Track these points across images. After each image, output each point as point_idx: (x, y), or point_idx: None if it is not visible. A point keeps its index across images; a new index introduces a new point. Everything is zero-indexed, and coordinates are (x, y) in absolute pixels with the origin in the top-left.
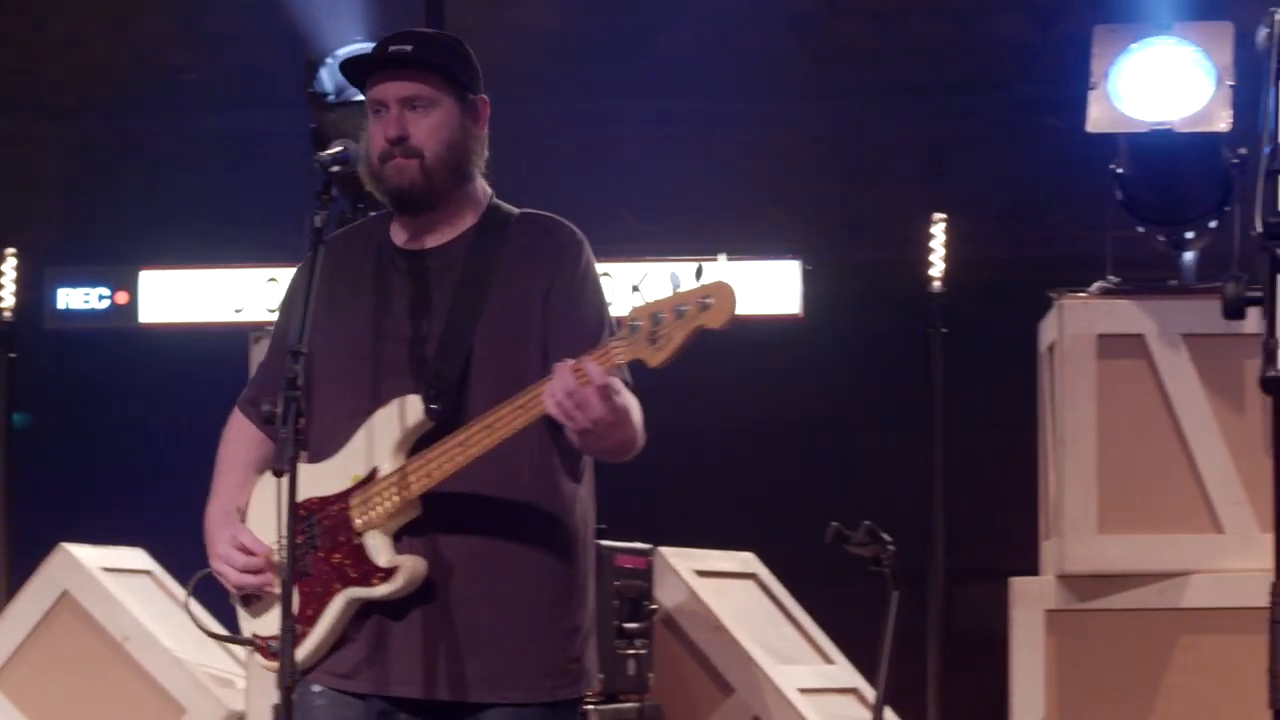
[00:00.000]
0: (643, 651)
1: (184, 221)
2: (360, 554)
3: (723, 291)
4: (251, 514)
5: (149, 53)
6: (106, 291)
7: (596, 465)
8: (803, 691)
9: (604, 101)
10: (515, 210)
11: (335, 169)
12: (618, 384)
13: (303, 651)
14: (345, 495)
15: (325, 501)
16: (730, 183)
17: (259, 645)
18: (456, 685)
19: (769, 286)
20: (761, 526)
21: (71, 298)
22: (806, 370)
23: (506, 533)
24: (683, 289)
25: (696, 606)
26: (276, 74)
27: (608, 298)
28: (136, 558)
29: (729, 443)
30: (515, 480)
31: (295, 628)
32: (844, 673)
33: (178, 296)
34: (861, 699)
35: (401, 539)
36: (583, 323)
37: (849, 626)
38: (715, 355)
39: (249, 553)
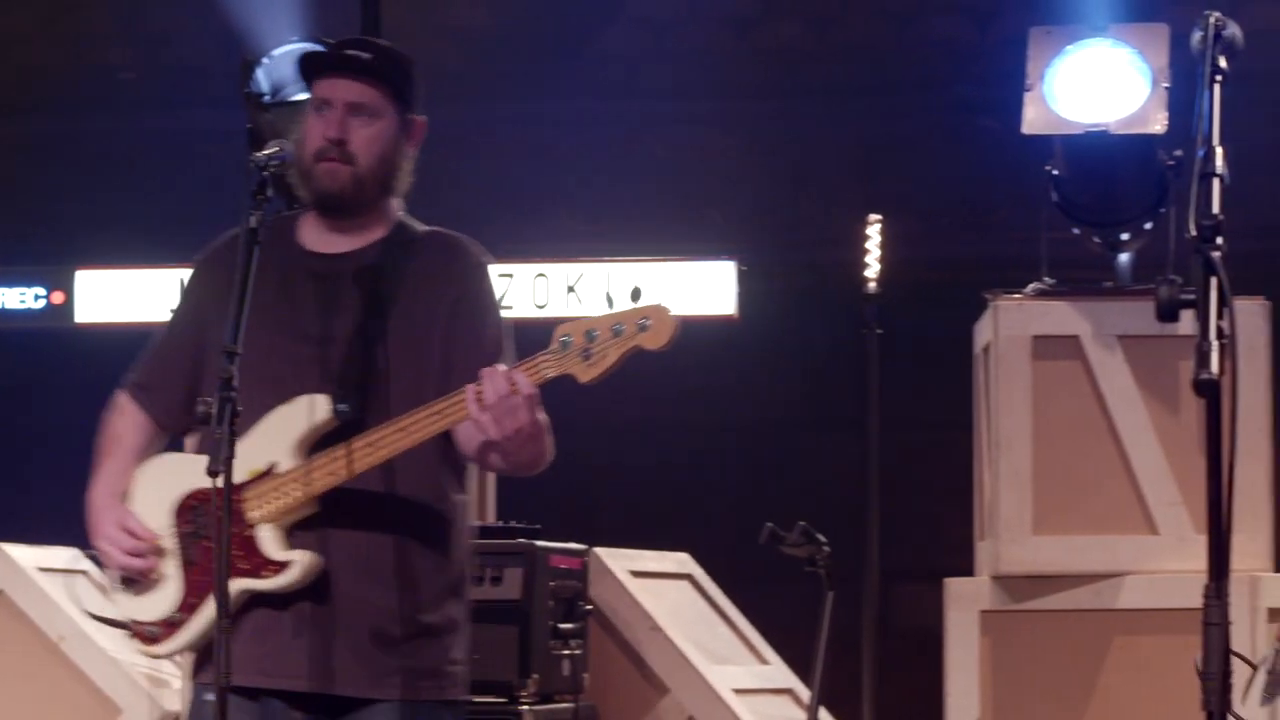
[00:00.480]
0: (577, 652)
1: (120, 221)
2: (252, 546)
3: (661, 314)
4: (134, 499)
5: (86, 51)
6: (42, 291)
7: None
8: (738, 692)
9: (539, 102)
10: (423, 227)
11: (271, 169)
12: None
13: (181, 640)
14: (239, 488)
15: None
16: (666, 183)
17: (136, 629)
18: (337, 680)
19: (704, 287)
20: (696, 527)
21: (7, 297)
22: (742, 371)
23: (393, 534)
24: (619, 309)
25: (631, 607)
26: (213, 73)
27: (541, 299)
28: (71, 557)
29: (664, 443)
30: (404, 484)
31: (229, 625)
32: (779, 673)
33: (114, 296)
34: (796, 699)
35: (293, 534)
36: (485, 338)
37: (784, 627)
38: (650, 355)
39: (135, 536)
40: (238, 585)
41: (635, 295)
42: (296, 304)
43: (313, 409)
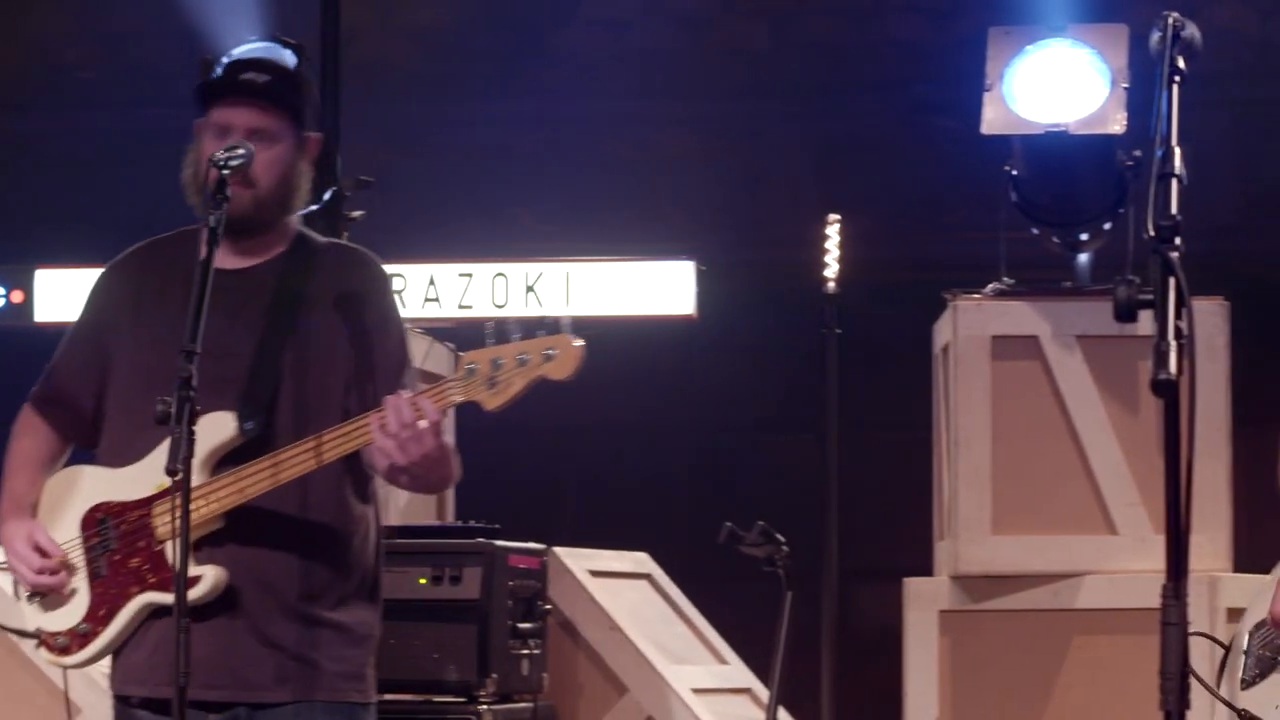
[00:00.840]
0: (536, 652)
1: (81, 220)
2: (160, 560)
3: (567, 345)
4: (41, 512)
5: (44, 50)
6: (2, 290)
7: (492, 464)
8: (696, 691)
9: (498, 102)
10: (322, 240)
11: (231, 168)
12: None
13: (90, 651)
14: (147, 502)
15: (125, 507)
16: (625, 183)
17: (44, 640)
18: (245, 686)
19: (663, 287)
20: (655, 526)
21: None
22: (701, 371)
23: (297, 548)
24: (525, 338)
25: (590, 607)
26: (172, 73)
27: (500, 299)
28: None
29: (623, 443)
30: (309, 499)
31: (188, 626)
32: (738, 673)
33: (74, 295)
34: (755, 699)
35: (201, 549)
36: (388, 355)
37: (743, 627)
38: (610, 355)
39: (44, 553)
40: (145, 599)
41: (552, 327)
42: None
43: (220, 426)
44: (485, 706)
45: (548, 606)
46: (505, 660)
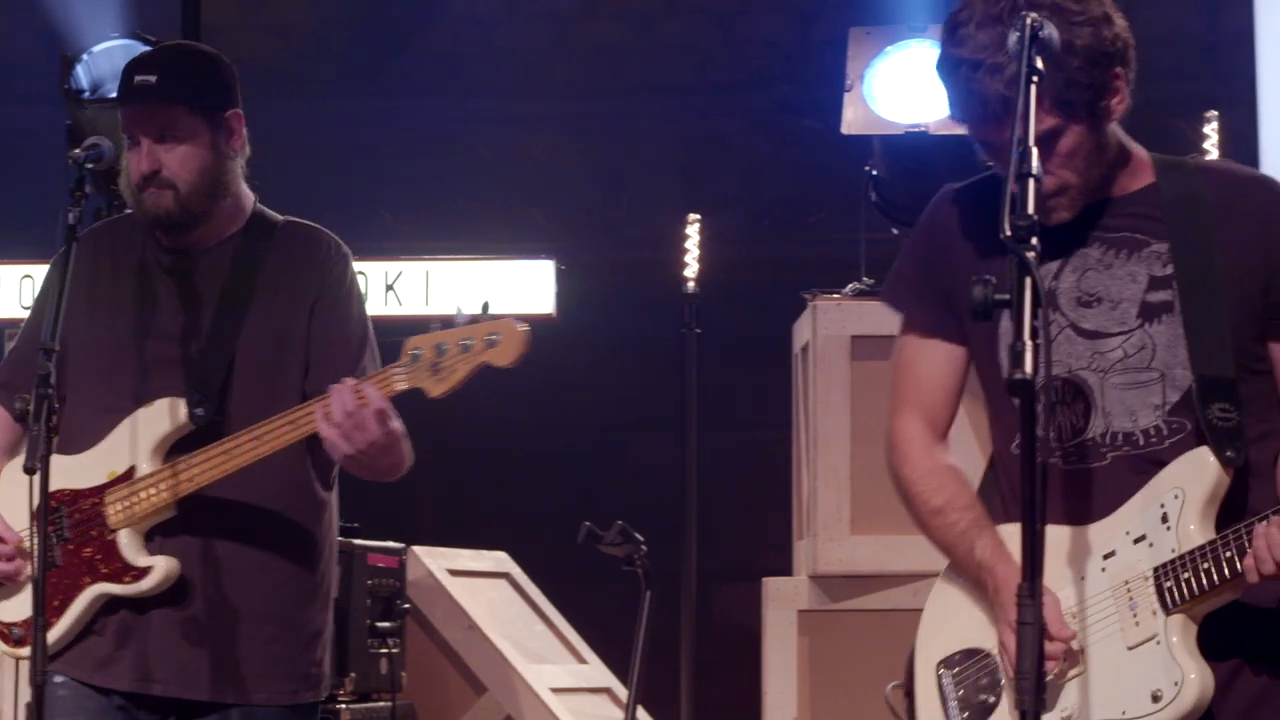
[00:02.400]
0: (395, 650)
1: None
2: (112, 550)
3: (510, 330)
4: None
5: None
6: None
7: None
8: (555, 691)
9: (361, 100)
10: (279, 218)
11: (90, 166)
12: (392, 407)
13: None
14: (99, 490)
15: (77, 494)
16: (488, 182)
17: (0, 631)
18: (199, 685)
19: (523, 286)
20: (514, 526)
21: None
22: (561, 370)
23: (256, 538)
24: (467, 324)
25: (449, 606)
26: (33, 69)
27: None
28: None
29: (482, 442)
30: (268, 487)
31: (46, 622)
32: (597, 672)
33: None
34: (614, 698)
35: (154, 539)
36: (347, 339)
37: (602, 626)
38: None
39: (1, 540)
40: (97, 589)
41: (485, 309)
42: (155, 302)
43: (173, 412)
44: (344, 705)
45: (406, 605)
46: (364, 659)
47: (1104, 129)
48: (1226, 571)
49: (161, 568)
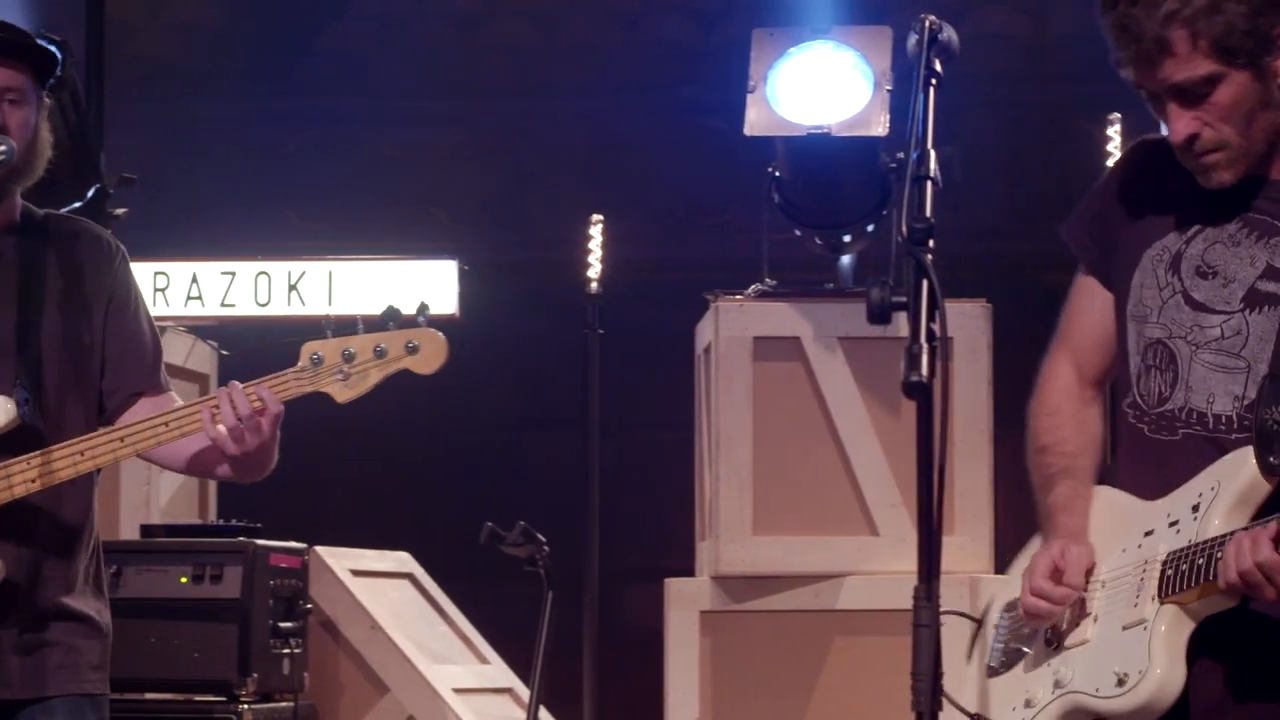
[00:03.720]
0: (298, 651)
1: None
2: None
3: (432, 339)
4: None
5: None
6: None
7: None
8: (458, 691)
9: (265, 99)
10: (41, 211)
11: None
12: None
13: None
14: None
15: None
16: (392, 182)
17: None
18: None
19: (425, 286)
20: (417, 526)
21: None
22: (463, 370)
23: (55, 537)
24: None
25: (352, 606)
26: None
27: (263, 298)
28: None
29: (385, 442)
30: (64, 486)
31: None
32: (499, 672)
33: None
34: (517, 699)
35: None
36: (143, 344)
37: (505, 626)
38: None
39: None
40: None
41: (391, 313)
42: None
43: (4, 408)
44: (246, 706)
45: (309, 606)
46: (266, 659)
47: (1269, 88)
48: (1212, 571)
49: None
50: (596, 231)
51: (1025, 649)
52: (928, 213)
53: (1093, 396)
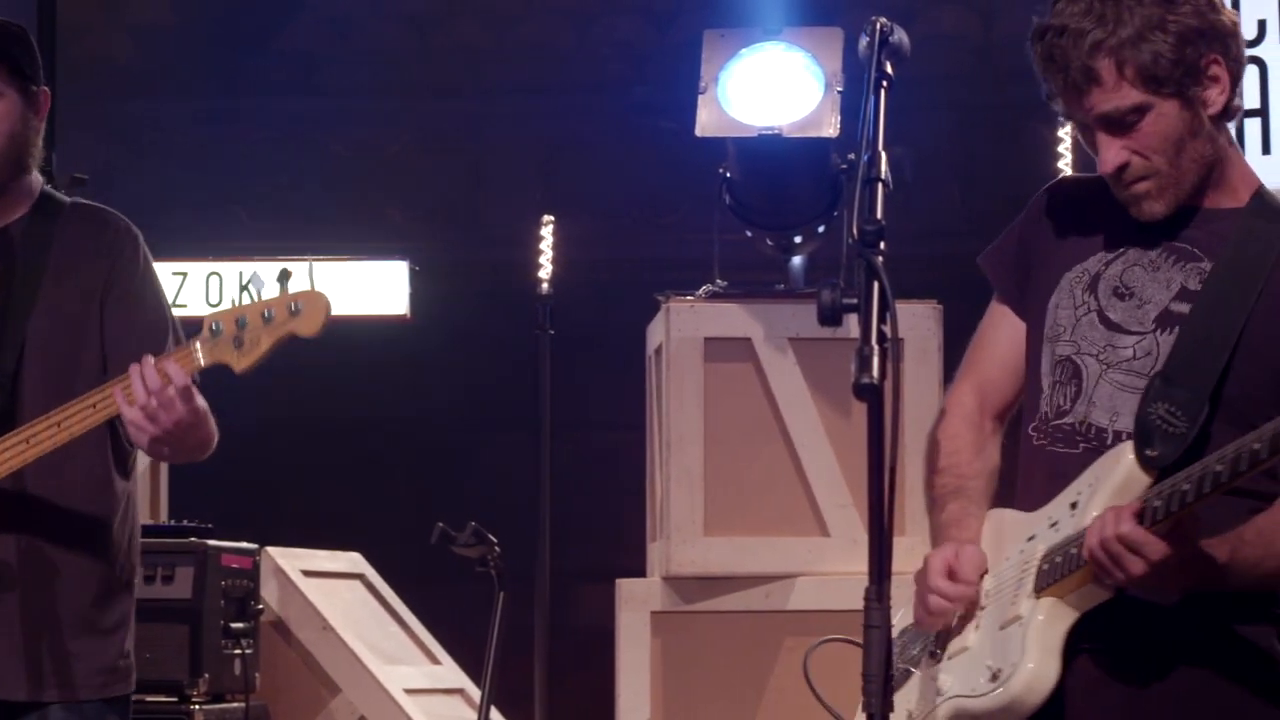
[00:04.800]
0: (249, 651)
1: None
2: None
3: (313, 298)
4: None
5: None
6: None
7: (204, 462)
8: (409, 692)
9: (217, 99)
10: (67, 199)
11: None
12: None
13: None
14: None
15: None
16: (345, 181)
17: None
18: (8, 685)
19: (376, 287)
20: (369, 526)
21: None
22: (416, 370)
23: (55, 531)
24: (268, 294)
25: (303, 607)
26: None
27: (215, 298)
28: None
29: (336, 442)
30: (66, 476)
31: None
32: (450, 673)
33: None
34: (468, 699)
35: None
36: (145, 323)
37: (457, 627)
38: (324, 353)
39: None
40: None
41: (283, 277)
42: None
43: None
44: (197, 706)
45: (260, 606)
46: (217, 660)
47: (1198, 119)
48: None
49: None
50: (548, 232)
51: (912, 669)
52: (879, 214)
53: (993, 430)
